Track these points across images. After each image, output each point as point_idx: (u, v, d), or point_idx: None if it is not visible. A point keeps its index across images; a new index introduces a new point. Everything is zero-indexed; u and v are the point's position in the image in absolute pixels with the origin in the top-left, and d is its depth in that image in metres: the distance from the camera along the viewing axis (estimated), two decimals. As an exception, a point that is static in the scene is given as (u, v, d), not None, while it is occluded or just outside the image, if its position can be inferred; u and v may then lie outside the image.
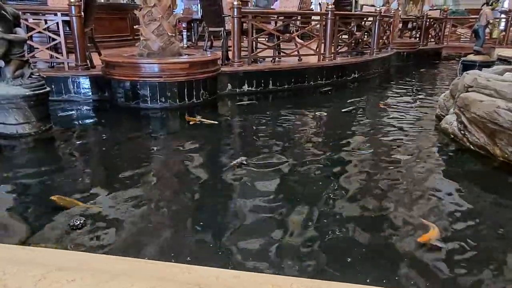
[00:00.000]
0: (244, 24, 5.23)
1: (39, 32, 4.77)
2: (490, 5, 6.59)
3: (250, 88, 5.20)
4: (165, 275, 1.26)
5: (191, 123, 3.82)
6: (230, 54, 5.36)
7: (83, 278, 1.17)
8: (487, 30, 7.31)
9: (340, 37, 6.61)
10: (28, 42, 4.30)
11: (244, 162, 2.74)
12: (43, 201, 2.20)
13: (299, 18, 6.56)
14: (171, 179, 2.63)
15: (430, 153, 3.07)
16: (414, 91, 6.21)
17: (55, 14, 4.63)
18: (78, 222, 1.91)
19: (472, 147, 3.06)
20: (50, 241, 1.78)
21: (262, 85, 5.28)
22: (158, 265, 1.35)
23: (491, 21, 6.87)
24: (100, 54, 5.01)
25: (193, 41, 7.89)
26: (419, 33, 10.13)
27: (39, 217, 2.02)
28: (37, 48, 4.83)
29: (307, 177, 2.57)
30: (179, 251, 1.73)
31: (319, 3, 9.74)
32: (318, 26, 6.12)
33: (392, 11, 8.73)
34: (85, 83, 4.62)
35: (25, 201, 2.24)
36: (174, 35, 4.60)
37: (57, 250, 1.56)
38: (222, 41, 5.47)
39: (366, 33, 7.36)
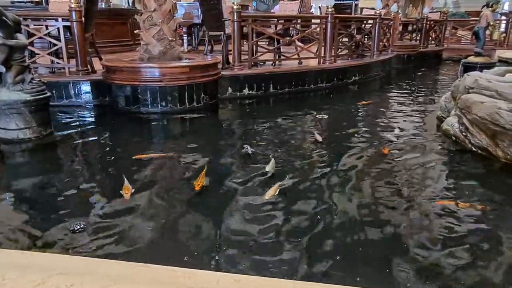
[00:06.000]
0: (244, 28, 5.24)
1: (40, 37, 4.79)
2: (491, 7, 6.58)
3: (250, 92, 5.20)
4: (166, 279, 1.25)
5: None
6: (230, 58, 5.37)
7: (83, 283, 1.16)
8: (488, 32, 7.28)
9: (340, 40, 6.62)
10: (29, 47, 4.31)
11: (249, 152, 2.99)
12: (42, 206, 2.20)
13: (299, 21, 6.57)
14: (176, 184, 2.62)
15: (431, 155, 3.06)
16: (415, 93, 6.20)
17: (56, 20, 4.65)
18: (78, 227, 1.91)
19: (474, 149, 3.04)
20: (50, 245, 1.77)
21: (263, 88, 5.28)
22: (159, 270, 1.34)
23: (491, 23, 6.84)
24: (100, 59, 5.02)
25: (194, 45, 7.91)
26: (419, 35, 10.13)
27: (39, 222, 2.01)
28: (38, 54, 4.85)
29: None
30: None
31: (319, 6, 9.75)
32: (318, 29, 6.12)
33: (392, 14, 8.73)
34: (86, 88, 4.63)
35: (24, 206, 2.23)
36: (174, 39, 4.61)
37: (56, 255, 1.56)
38: (222, 45, 5.48)
39: (366, 36, 7.36)
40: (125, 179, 2.43)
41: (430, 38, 10.58)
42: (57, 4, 5.63)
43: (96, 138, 3.57)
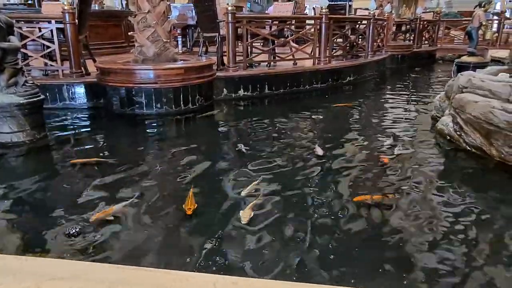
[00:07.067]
0: (239, 29, 5.24)
1: (33, 40, 4.75)
2: (483, 7, 6.64)
3: (245, 93, 5.20)
4: (162, 283, 1.24)
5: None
6: (225, 59, 5.36)
7: (78, 288, 1.15)
8: (480, 31, 7.34)
9: (335, 40, 6.64)
10: (22, 50, 4.28)
11: (243, 150, 3.05)
12: (37, 210, 2.18)
13: (293, 22, 6.58)
14: (172, 183, 2.61)
15: (426, 154, 3.07)
16: (409, 93, 6.23)
17: (49, 22, 4.62)
18: (74, 231, 1.89)
19: (468, 148, 3.06)
20: (44, 250, 1.75)
21: (258, 89, 5.28)
22: (155, 273, 1.33)
23: (484, 23, 6.91)
24: (94, 61, 5.00)
25: (188, 47, 7.89)
26: (413, 35, 10.19)
27: (33, 226, 1.99)
28: (31, 56, 4.82)
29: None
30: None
31: (313, 7, 9.77)
32: (313, 30, 6.14)
33: (386, 14, 8.78)
34: (80, 90, 4.60)
35: (18, 209, 2.21)
36: (169, 40, 4.60)
37: (51, 260, 1.54)
38: (217, 46, 5.47)
39: (360, 37, 7.40)
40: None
41: (424, 38, 10.64)
42: (50, 6, 5.61)
43: (90, 141, 3.54)
